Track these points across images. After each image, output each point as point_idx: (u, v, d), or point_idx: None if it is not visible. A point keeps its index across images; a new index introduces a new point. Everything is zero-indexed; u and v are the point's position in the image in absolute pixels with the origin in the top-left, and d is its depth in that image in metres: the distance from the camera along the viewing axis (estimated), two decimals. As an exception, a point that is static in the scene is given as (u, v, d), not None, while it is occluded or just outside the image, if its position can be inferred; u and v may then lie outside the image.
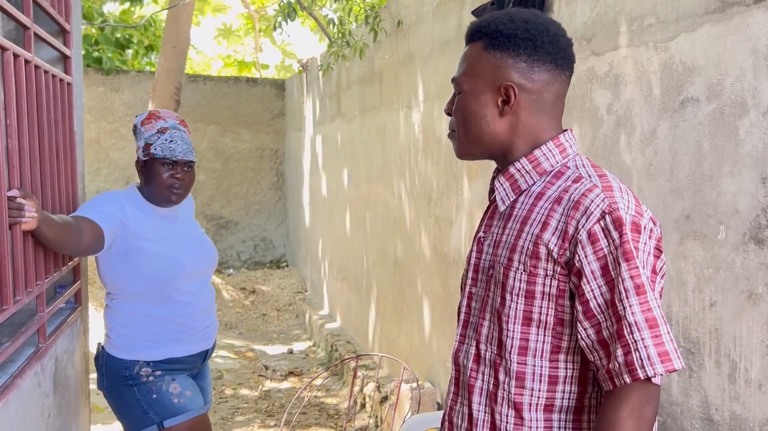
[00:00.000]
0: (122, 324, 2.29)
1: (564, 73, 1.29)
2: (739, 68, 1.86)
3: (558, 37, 1.27)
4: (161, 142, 2.25)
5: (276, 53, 18.39)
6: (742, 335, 1.86)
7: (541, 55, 1.26)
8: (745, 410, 1.84)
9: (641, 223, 1.17)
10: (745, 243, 1.84)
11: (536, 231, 1.23)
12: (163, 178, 2.27)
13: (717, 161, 1.94)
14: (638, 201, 1.22)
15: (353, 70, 5.97)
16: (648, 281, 1.14)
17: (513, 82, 1.26)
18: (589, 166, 1.27)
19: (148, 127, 2.30)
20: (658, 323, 1.13)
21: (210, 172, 9.66)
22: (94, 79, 9.20)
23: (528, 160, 1.29)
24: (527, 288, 1.23)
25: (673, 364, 1.13)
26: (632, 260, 1.14)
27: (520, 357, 1.24)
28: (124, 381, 2.26)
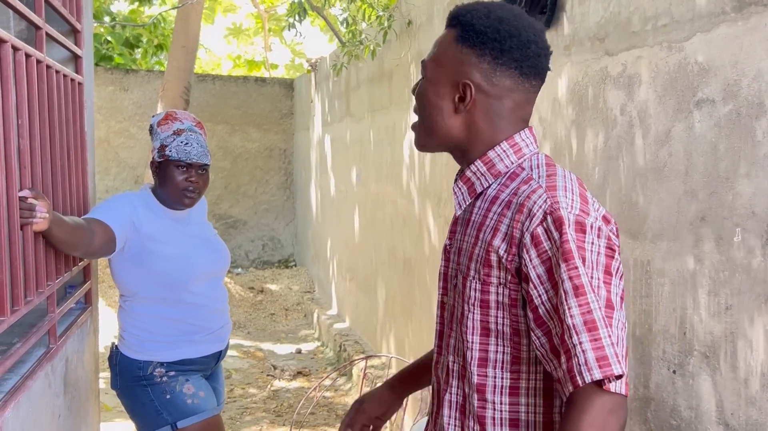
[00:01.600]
0: (135, 325, 2.29)
1: (529, 82, 1.23)
2: (756, 68, 1.84)
3: (530, 43, 1.21)
4: (177, 144, 2.24)
5: (285, 52, 18.42)
6: (759, 338, 1.84)
7: (506, 59, 1.21)
8: (761, 415, 1.82)
9: (586, 222, 1.12)
10: (762, 245, 1.82)
11: (488, 238, 1.19)
12: (177, 181, 2.26)
13: (733, 163, 1.92)
14: (586, 199, 1.17)
15: (363, 69, 5.96)
16: (590, 282, 1.08)
17: (472, 81, 1.22)
18: (542, 166, 1.23)
19: (165, 128, 2.28)
20: (598, 326, 1.06)
21: (218, 171, 9.67)
22: (103, 79, 9.23)
23: (482, 161, 1.25)
24: (482, 298, 1.19)
25: (612, 369, 1.05)
26: (571, 260, 1.08)
27: (480, 369, 1.20)
28: (138, 382, 2.26)
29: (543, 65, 1.24)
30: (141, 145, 9.27)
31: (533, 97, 1.27)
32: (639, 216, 2.31)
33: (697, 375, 2.05)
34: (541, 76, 1.25)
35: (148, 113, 9.27)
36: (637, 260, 2.32)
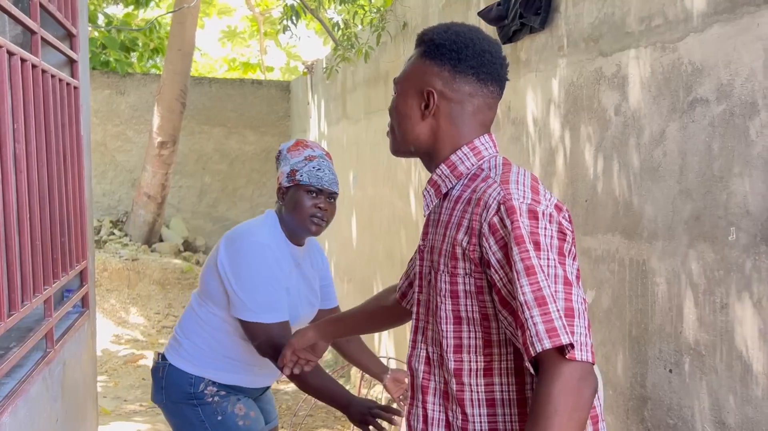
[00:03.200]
0: (203, 336, 2.18)
1: (487, 88, 1.36)
2: (749, 68, 1.85)
3: (484, 52, 1.34)
4: (308, 169, 2.15)
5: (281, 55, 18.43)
6: (754, 337, 1.84)
7: (463, 67, 1.34)
8: (757, 413, 1.83)
9: (538, 209, 1.23)
10: (756, 244, 1.83)
11: (453, 234, 1.31)
12: (306, 206, 2.14)
13: (727, 162, 1.93)
14: (537, 191, 1.28)
15: (358, 71, 5.97)
16: (541, 263, 1.18)
17: (435, 89, 1.35)
18: (499, 166, 1.34)
19: (295, 154, 2.20)
20: (547, 301, 1.16)
21: (216, 174, 9.67)
22: (99, 82, 9.23)
23: (446, 164, 1.38)
24: (451, 289, 1.30)
25: (560, 339, 1.14)
26: (522, 244, 1.19)
27: (455, 355, 1.31)
28: (188, 400, 2.16)
29: (499, 72, 1.37)
30: (138, 148, 9.27)
31: (493, 102, 1.39)
32: (634, 216, 2.32)
33: (693, 373, 2.06)
34: (498, 83, 1.38)
35: (145, 116, 9.27)
36: (632, 259, 2.33)
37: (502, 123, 3.31)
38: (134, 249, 8.28)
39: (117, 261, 7.69)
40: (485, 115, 1.39)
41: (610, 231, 2.45)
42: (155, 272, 7.77)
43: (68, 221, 2.42)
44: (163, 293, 7.59)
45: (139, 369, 5.78)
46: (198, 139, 9.62)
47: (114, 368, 5.80)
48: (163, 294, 7.57)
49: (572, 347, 1.14)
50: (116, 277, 7.57)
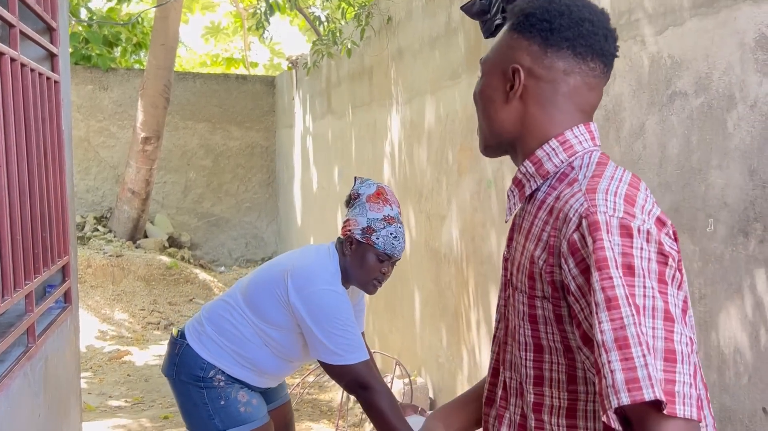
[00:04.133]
0: (230, 336, 2.23)
1: (586, 64, 1.11)
2: (726, 62, 1.87)
3: (583, 21, 1.11)
4: (386, 234, 2.16)
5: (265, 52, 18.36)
6: (732, 327, 1.87)
7: (556, 39, 1.11)
8: (734, 402, 1.86)
9: (632, 225, 0.99)
10: (734, 236, 1.85)
11: (531, 248, 1.09)
12: (372, 269, 2.17)
13: (705, 154, 1.95)
14: (633, 201, 1.03)
15: (343, 66, 5.96)
16: (631, 293, 0.95)
17: (522, 66, 1.13)
18: (593, 164, 1.11)
19: (375, 208, 2.19)
20: (630, 343, 0.92)
21: (200, 169, 9.63)
22: (82, 77, 9.15)
23: (530, 161, 1.14)
24: (529, 312, 1.10)
25: (642, 393, 0.90)
26: (605, 269, 0.96)
27: (536, 388, 1.11)
28: (195, 382, 2.22)
29: (602, 46, 1.12)
30: (121, 144, 9.21)
31: (595, 82, 1.13)
32: (615, 208, 2.34)
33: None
34: (602, 58, 1.13)
35: (129, 112, 9.20)
36: (613, 252, 2.35)
37: (485, 117, 3.32)
38: (118, 245, 8.24)
39: (101, 258, 7.64)
40: (585, 97, 1.13)
41: (592, 223, 2.47)
42: (140, 268, 7.74)
43: (49, 216, 2.41)
44: (148, 289, 7.56)
45: (124, 366, 5.76)
46: (182, 134, 9.57)
47: (99, 364, 5.77)
48: (148, 291, 7.54)
49: (668, 402, 0.90)
50: (100, 274, 7.52)
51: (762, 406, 1.77)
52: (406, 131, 4.42)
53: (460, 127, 3.61)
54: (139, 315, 7.09)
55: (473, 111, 3.56)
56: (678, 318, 0.96)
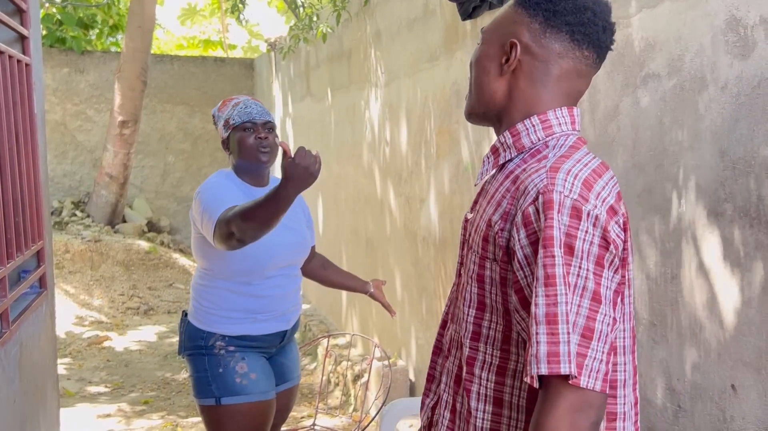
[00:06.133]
0: (205, 298, 2.31)
1: (581, 51, 1.15)
2: (698, 44, 1.88)
3: (586, 9, 1.14)
4: (237, 111, 2.30)
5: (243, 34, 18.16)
6: (703, 306, 1.90)
7: (557, 21, 1.14)
8: (704, 379, 1.89)
9: (583, 208, 1.04)
10: (705, 216, 1.88)
11: (490, 212, 1.15)
12: (248, 142, 2.28)
13: (677, 136, 1.97)
14: (591, 185, 1.08)
15: (322, 49, 5.92)
16: (567, 272, 1.01)
17: (520, 41, 1.16)
18: (566, 146, 1.15)
19: (224, 109, 2.35)
20: (558, 320, 1.00)
21: (179, 153, 9.55)
22: (57, 60, 9.01)
23: (510, 132, 1.19)
24: (478, 272, 1.16)
25: (559, 367, 0.99)
26: (550, 247, 1.02)
27: (472, 342, 1.18)
28: (198, 350, 2.29)
29: (599, 37, 1.15)
30: (98, 128, 9.10)
31: (586, 70, 1.17)
32: (590, 190, 2.35)
33: (644, 343, 2.12)
34: (597, 49, 1.16)
35: (105, 95, 9.09)
36: (588, 233, 2.37)
37: (463, 99, 3.32)
38: (97, 230, 8.17)
39: (79, 243, 7.57)
40: (573, 83, 1.17)
41: (567, 205, 2.49)
42: (119, 253, 7.68)
43: (22, 201, 2.38)
44: (127, 274, 7.52)
45: (103, 351, 5.74)
46: (160, 117, 9.48)
47: (78, 350, 5.74)
48: (127, 276, 7.49)
49: (576, 374, 1.00)
50: (79, 259, 7.46)
51: (731, 383, 1.80)
52: (385, 114, 4.41)
53: (439, 110, 3.61)
54: (118, 301, 7.05)
55: (451, 93, 3.57)
56: (607, 300, 1.04)
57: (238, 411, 2.21)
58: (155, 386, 4.87)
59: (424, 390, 1.35)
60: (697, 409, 1.91)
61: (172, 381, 4.95)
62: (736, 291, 1.79)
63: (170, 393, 4.74)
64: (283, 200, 1.92)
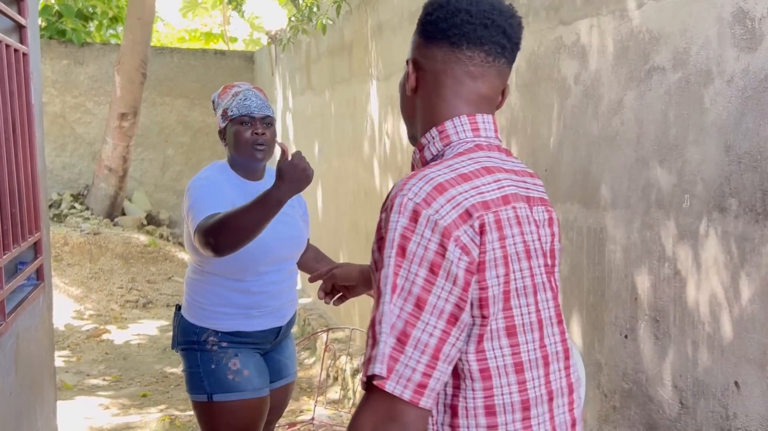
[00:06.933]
0: (198, 293, 2.28)
1: (462, 52, 1.12)
2: (704, 36, 1.86)
3: (459, 11, 1.13)
4: (236, 103, 2.24)
5: (244, 26, 18.12)
6: (706, 302, 1.88)
7: (433, 31, 1.14)
8: (707, 376, 1.87)
9: (423, 212, 1.01)
10: (709, 211, 1.86)
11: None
12: (244, 137, 2.23)
13: (682, 130, 1.94)
14: (444, 189, 1.04)
15: (322, 42, 5.89)
16: (396, 275, 1.00)
17: (412, 59, 1.18)
18: (453, 153, 1.13)
19: (224, 96, 2.30)
20: (383, 322, 1.00)
21: (179, 146, 9.52)
22: (57, 52, 8.97)
23: (417, 147, 1.19)
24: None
25: (371, 368, 0.98)
26: (386, 249, 1.02)
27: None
28: (191, 345, 2.27)
29: (480, 34, 1.12)
30: (98, 120, 9.07)
31: (479, 71, 1.14)
32: (592, 184, 2.33)
33: (647, 339, 2.10)
34: (482, 47, 1.13)
35: (105, 87, 9.05)
36: (590, 228, 2.35)
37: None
38: (96, 223, 8.14)
39: (78, 235, 7.55)
40: (468, 87, 1.14)
41: (569, 200, 2.47)
42: (118, 246, 7.66)
43: (19, 192, 2.36)
44: (126, 267, 7.50)
45: (102, 344, 5.72)
46: (160, 110, 9.44)
47: (76, 343, 5.73)
48: (126, 269, 7.47)
49: (385, 377, 0.98)
50: (78, 251, 7.44)
51: (734, 380, 1.78)
52: (386, 107, 4.38)
53: (440, 103, 3.58)
54: (117, 294, 7.03)
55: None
56: (435, 309, 0.99)
57: (229, 408, 2.18)
58: (153, 379, 4.86)
59: None
60: (700, 406, 1.89)
61: (170, 375, 4.94)
62: (741, 288, 1.76)
63: (168, 386, 4.73)
64: (274, 203, 1.90)
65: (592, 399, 2.35)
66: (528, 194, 1.14)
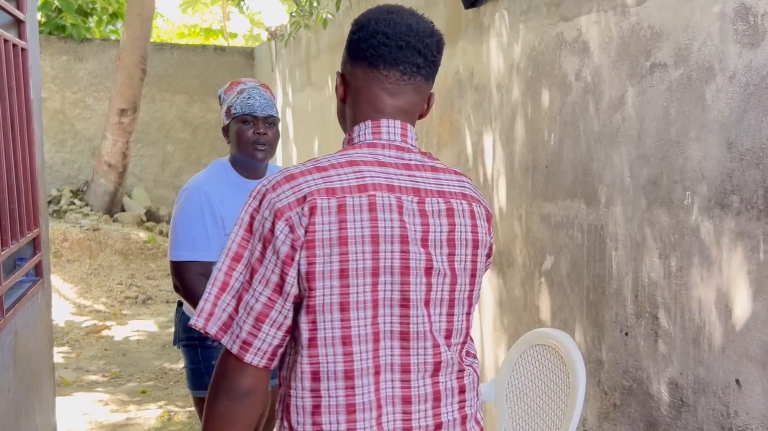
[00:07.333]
0: None
1: (379, 71, 1.23)
2: (706, 32, 1.85)
3: (376, 34, 1.23)
4: (240, 101, 2.25)
5: (244, 22, 18.08)
6: (707, 300, 1.87)
7: (355, 50, 1.25)
8: (708, 374, 1.86)
9: (267, 196, 1.16)
10: (711, 208, 1.85)
11: None
12: (246, 136, 2.24)
13: (684, 127, 1.93)
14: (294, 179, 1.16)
15: (322, 37, 5.87)
16: (233, 244, 1.15)
17: (339, 73, 1.29)
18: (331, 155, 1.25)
19: (229, 93, 2.31)
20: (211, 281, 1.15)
21: (178, 142, 9.51)
22: (57, 48, 8.95)
23: None
24: None
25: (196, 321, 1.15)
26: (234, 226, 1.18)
27: None
28: (191, 341, 2.28)
29: (395, 56, 1.22)
30: (97, 116, 9.05)
31: (396, 89, 1.24)
32: (593, 181, 2.32)
33: (648, 336, 2.09)
34: (397, 67, 1.23)
35: (105, 83, 9.03)
36: (591, 225, 2.34)
37: (465, 89, 3.28)
38: (95, 219, 8.13)
39: (78, 232, 7.54)
40: (385, 102, 1.25)
41: (570, 197, 2.46)
42: (117, 242, 7.65)
43: (18, 187, 2.35)
44: (125, 263, 7.49)
45: (101, 340, 5.71)
46: (160, 106, 9.43)
47: (76, 339, 5.72)
48: (125, 265, 7.46)
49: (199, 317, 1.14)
50: (77, 248, 7.43)
51: (735, 377, 1.78)
52: (386, 104, 4.37)
53: (440, 100, 3.57)
54: (116, 290, 7.02)
55: (453, 83, 3.53)
56: (263, 279, 1.13)
57: None
58: (153, 375, 4.85)
59: None
60: (701, 404, 1.89)
61: (169, 371, 4.93)
62: (742, 285, 1.76)
63: (168, 382, 4.72)
64: None
65: (592, 396, 2.35)
66: (416, 186, 1.20)
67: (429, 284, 1.18)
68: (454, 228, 1.21)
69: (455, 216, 1.22)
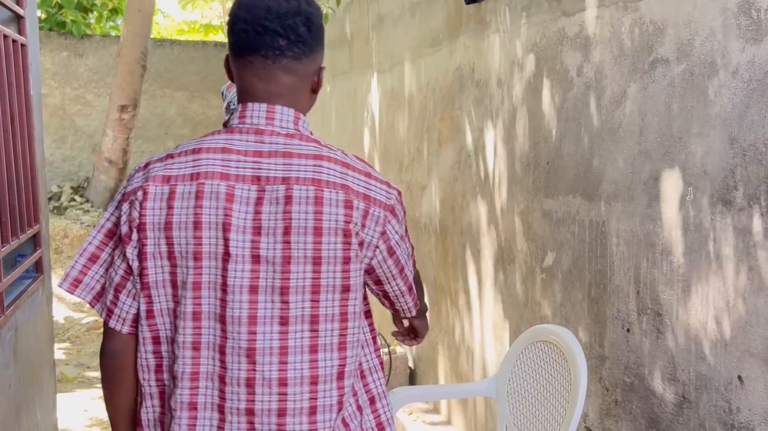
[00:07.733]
0: None
1: (244, 58, 1.26)
2: (709, 27, 1.84)
3: (237, 21, 1.26)
4: None
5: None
6: (709, 296, 1.87)
7: (228, 39, 1.30)
8: (710, 370, 1.86)
9: (131, 177, 1.28)
10: (713, 204, 1.84)
11: None
12: None
13: (686, 122, 1.93)
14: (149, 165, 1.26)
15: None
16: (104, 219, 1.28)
17: (226, 63, 1.33)
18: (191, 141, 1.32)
19: (231, 89, 2.35)
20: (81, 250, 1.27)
21: (179, 139, 9.50)
22: (57, 44, 8.94)
23: None
24: None
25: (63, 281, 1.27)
26: None
27: None
28: None
29: (254, 41, 1.24)
30: (98, 112, 9.04)
31: (264, 74, 1.27)
32: (594, 177, 2.32)
33: (649, 333, 2.09)
34: (258, 51, 1.24)
35: (105, 79, 9.02)
36: (592, 221, 2.34)
37: (466, 85, 3.28)
38: (96, 215, 8.13)
39: (78, 228, 7.54)
40: (258, 87, 1.28)
41: (571, 193, 2.45)
42: (118, 238, 7.65)
43: (18, 184, 2.34)
44: (126, 260, 7.49)
45: (102, 336, 5.72)
46: (160, 102, 9.42)
47: (76, 335, 5.72)
48: (126, 261, 7.46)
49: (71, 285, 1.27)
50: (78, 244, 7.43)
51: (737, 374, 1.77)
52: (387, 100, 4.36)
53: (441, 96, 3.56)
54: (117, 286, 7.02)
55: (454, 79, 3.52)
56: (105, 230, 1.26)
57: None
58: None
59: None
60: (702, 400, 1.88)
61: (170, 367, 4.94)
62: (745, 281, 1.75)
63: (169, 379, 4.73)
64: None
65: (593, 392, 2.34)
66: (257, 174, 1.22)
67: (255, 271, 1.20)
68: (291, 216, 1.21)
69: (293, 203, 1.21)
